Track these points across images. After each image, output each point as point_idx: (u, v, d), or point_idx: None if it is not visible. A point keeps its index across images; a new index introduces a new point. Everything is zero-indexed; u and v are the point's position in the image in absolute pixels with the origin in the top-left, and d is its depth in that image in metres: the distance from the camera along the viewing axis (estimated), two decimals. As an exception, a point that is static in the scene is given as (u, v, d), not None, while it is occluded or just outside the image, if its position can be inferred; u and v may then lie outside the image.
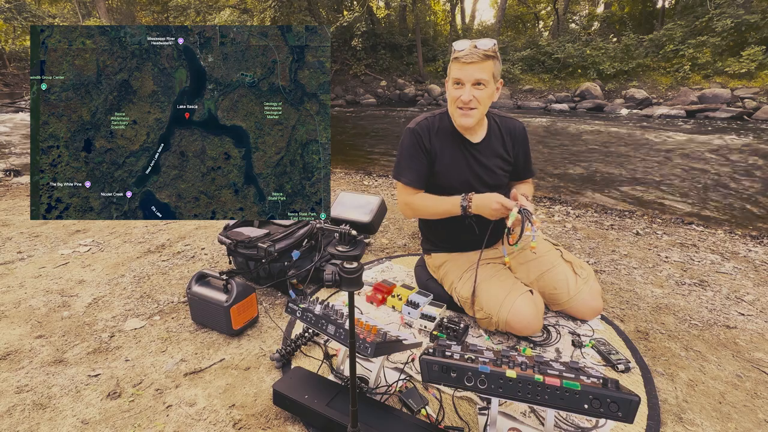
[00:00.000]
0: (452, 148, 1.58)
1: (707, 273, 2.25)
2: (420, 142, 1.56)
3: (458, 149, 1.58)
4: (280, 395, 1.20)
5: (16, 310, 1.77)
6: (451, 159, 1.58)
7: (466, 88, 1.43)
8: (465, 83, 1.43)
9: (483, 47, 1.40)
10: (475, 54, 1.39)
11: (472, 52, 1.40)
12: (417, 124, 1.59)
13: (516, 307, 1.42)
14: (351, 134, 9.32)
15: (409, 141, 1.58)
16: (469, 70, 1.41)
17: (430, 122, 1.59)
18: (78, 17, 21.97)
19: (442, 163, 1.58)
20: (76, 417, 1.21)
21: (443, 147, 1.58)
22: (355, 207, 2.39)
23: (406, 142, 1.59)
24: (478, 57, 1.39)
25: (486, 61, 1.41)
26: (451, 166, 1.58)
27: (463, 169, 1.59)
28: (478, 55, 1.39)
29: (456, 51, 1.44)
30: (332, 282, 1.93)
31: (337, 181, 4.53)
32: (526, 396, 0.96)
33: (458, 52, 1.43)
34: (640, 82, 14.69)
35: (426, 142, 1.57)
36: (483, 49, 1.39)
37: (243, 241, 1.83)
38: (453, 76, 1.46)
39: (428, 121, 1.59)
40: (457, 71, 1.44)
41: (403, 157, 1.60)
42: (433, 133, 1.58)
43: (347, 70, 17.83)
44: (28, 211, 3.30)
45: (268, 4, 14.99)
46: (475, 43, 1.41)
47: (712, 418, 1.24)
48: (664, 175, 5.24)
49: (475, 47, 1.40)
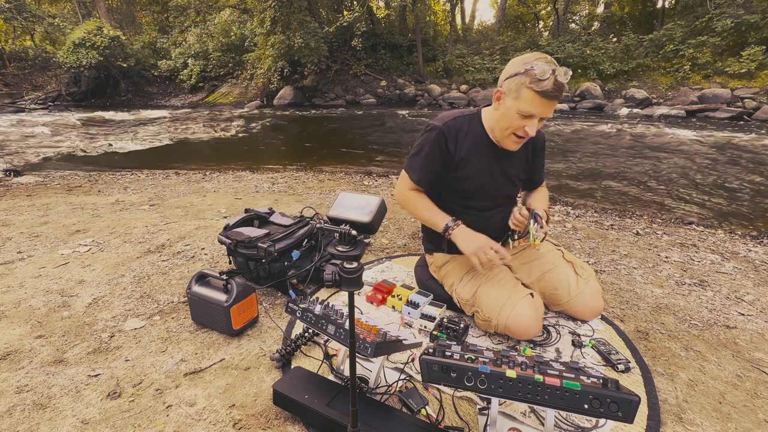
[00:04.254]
0: (480, 154, 1.49)
1: (707, 273, 2.25)
2: (443, 143, 1.46)
3: (486, 157, 1.50)
4: (280, 395, 1.20)
5: (16, 310, 1.77)
6: (477, 165, 1.49)
7: (534, 122, 1.30)
8: (535, 117, 1.29)
9: (565, 81, 1.23)
10: (560, 90, 1.24)
11: (558, 88, 1.23)
12: (445, 123, 1.46)
13: (516, 312, 1.41)
14: (351, 134, 9.32)
15: (432, 139, 1.46)
16: (547, 107, 1.27)
17: (459, 123, 1.47)
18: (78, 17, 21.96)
19: (467, 169, 1.49)
20: (76, 417, 1.21)
21: (471, 153, 1.48)
22: (355, 207, 2.39)
23: (428, 139, 1.48)
24: (561, 93, 1.25)
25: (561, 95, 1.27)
26: (476, 173, 1.50)
27: (486, 176, 1.52)
28: (562, 91, 1.24)
29: (537, 80, 1.23)
30: (332, 282, 1.93)
31: (337, 181, 4.53)
32: (526, 396, 0.96)
33: (541, 83, 1.23)
34: (640, 82, 14.68)
35: (451, 144, 1.46)
36: (564, 84, 1.23)
37: (243, 241, 1.83)
38: (526, 108, 1.27)
39: (457, 122, 1.47)
40: (535, 106, 1.26)
41: (419, 152, 1.50)
42: (462, 136, 1.47)
43: (347, 70, 17.82)
44: (27, 211, 3.30)
45: (268, 4, 14.96)
46: (556, 72, 1.22)
47: (712, 418, 1.24)
48: (664, 175, 5.24)
49: (558, 80, 1.22)
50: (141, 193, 4.02)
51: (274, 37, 15.47)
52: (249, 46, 18.30)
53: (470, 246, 1.43)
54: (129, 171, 5.45)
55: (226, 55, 18.96)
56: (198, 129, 10.03)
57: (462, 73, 17.06)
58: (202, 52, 19.08)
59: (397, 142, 8.12)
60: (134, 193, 4.00)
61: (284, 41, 15.23)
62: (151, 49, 20.77)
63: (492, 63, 16.93)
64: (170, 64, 19.58)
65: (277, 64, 15.86)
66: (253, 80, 17.39)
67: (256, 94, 17.52)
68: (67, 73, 17.94)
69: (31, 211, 3.29)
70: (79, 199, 3.75)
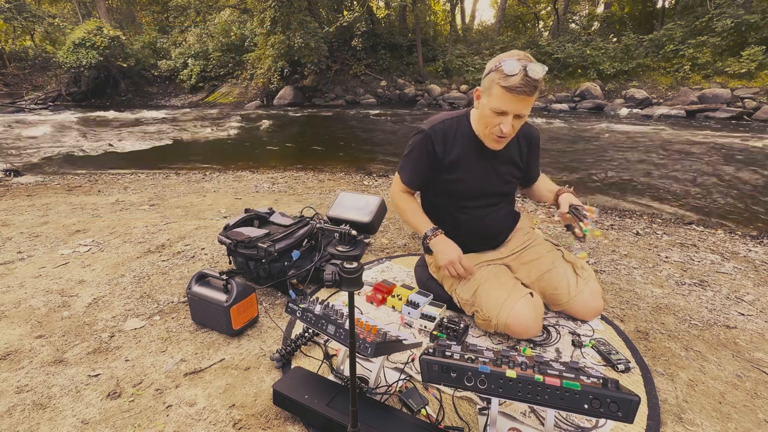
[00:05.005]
0: (471, 155, 1.50)
1: (707, 273, 2.25)
2: (430, 146, 1.48)
3: (476, 157, 1.51)
4: (280, 395, 1.20)
5: (16, 310, 1.77)
6: (468, 167, 1.51)
7: (508, 119, 1.30)
8: (509, 114, 1.29)
9: (536, 76, 1.22)
10: (529, 85, 1.22)
11: (526, 83, 1.22)
12: (432, 126, 1.48)
13: (516, 311, 1.42)
14: (351, 134, 9.32)
15: (419, 143, 1.50)
16: (517, 104, 1.26)
17: (447, 126, 1.48)
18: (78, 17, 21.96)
19: (458, 171, 1.51)
20: (76, 417, 1.20)
21: (461, 154, 1.49)
22: (355, 207, 2.39)
23: (416, 142, 1.51)
24: (530, 90, 1.23)
25: (534, 93, 1.25)
26: (468, 174, 1.52)
27: (477, 177, 1.53)
28: (530, 87, 1.23)
29: (505, 76, 1.23)
30: (332, 282, 1.93)
31: (337, 181, 4.53)
32: (526, 396, 0.96)
33: (509, 79, 1.23)
34: (640, 82, 14.69)
35: (438, 147, 1.48)
36: (535, 79, 1.22)
37: (243, 241, 1.83)
38: (496, 105, 1.28)
39: (445, 125, 1.48)
40: (504, 102, 1.26)
41: (408, 155, 1.55)
42: (450, 139, 1.48)
43: (347, 70, 17.82)
44: (27, 211, 3.30)
45: (268, 4, 14.97)
46: (527, 69, 1.21)
47: (712, 418, 1.24)
48: (664, 174, 5.24)
49: (527, 76, 1.21)
50: (141, 193, 4.02)
51: (274, 37, 15.47)
52: (249, 46, 18.30)
53: (443, 258, 1.53)
54: (129, 171, 5.45)
55: (226, 55, 18.96)
56: (198, 129, 10.03)
57: (462, 73, 17.06)
58: (202, 52, 19.08)
59: (397, 142, 8.12)
60: (134, 193, 4.00)
61: (284, 41, 15.24)
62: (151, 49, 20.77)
63: (492, 63, 16.90)
64: (170, 64, 19.59)
65: (277, 64, 15.86)
66: (253, 80, 17.40)
67: (256, 94, 17.52)
68: (67, 73, 17.94)
69: (31, 211, 3.29)
70: (79, 199, 3.75)
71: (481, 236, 1.66)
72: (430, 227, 1.56)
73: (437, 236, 1.55)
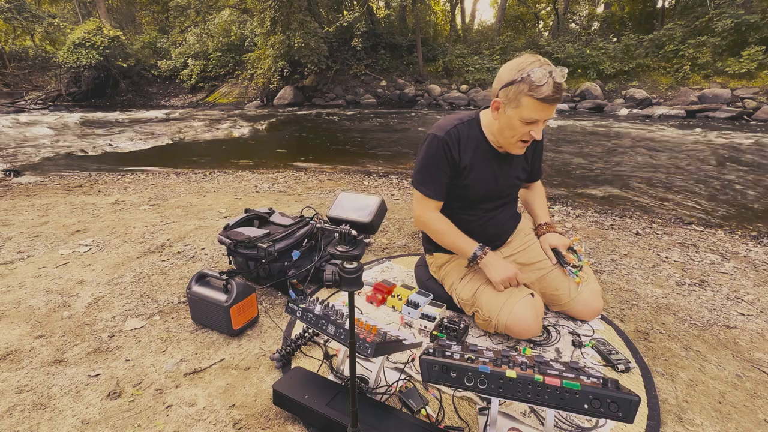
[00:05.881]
0: (482, 161, 1.49)
1: (707, 273, 2.25)
2: (447, 152, 1.44)
3: (487, 162, 1.50)
4: (280, 395, 1.20)
5: (16, 310, 1.77)
6: (480, 171, 1.50)
7: (540, 126, 1.30)
8: (540, 121, 1.29)
9: (562, 80, 1.22)
10: (560, 91, 1.23)
11: (557, 89, 1.22)
12: (446, 132, 1.44)
13: (516, 312, 1.42)
14: (351, 134, 9.32)
15: (435, 150, 1.45)
16: (550, 111, 1.26)
17: (459, 131, 1.46)
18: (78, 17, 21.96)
19: (471, 176, 1.49)
20: (76, 417, 1.20)
21: (474, 160, 1.48)
22: (355, 207, 2.39)
23: (431, 150, 1.46)
24: (562, 94, 1.23)
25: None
26: (479, 179, 1.51)
27: (489, 181, 1.53)
28: (562, 92, 1.23)
29: (536, 87, 1.22)
30: (332, 282, 1.93)
31: (337, 181, 4.53)
32: (526, 396, 0.96)
33: (540, 90, 1.22)
34: (640, 82, 14.69)
35: (455, 153, 1.45)
36: (562, 84, 1.22)
37: (243, 241, 1.83)
38: (528, 115, 1.27)
39: (457, 130, 1.46)
40: (537, 112, 1.26)
41: (426, 166, 1.48)
42: (464, 143, 1.46)
43: (347, 70, 17.82)
44: (27, 211, 3.30)
45: (268, 4, 14.97)
46: (552, 74, 1.22)
47: (712, 418, 1.24)
48: (664, 175, 5.24)
49: (556, 82, 1.22)
50: (141, 193, 4.02)
51: (274, 37, 15.48)
52: (249, 46, 18.32)
53: (497, 276, 1.46)
54: (129, 171, 5.45)
55: (226, 55, 18.97)
56: (198, 129, 10.03)
57: (462, 73, 17.06)
58: (202, 52, 19.09)
59: (397, 142, 8.12)
60: (134, 193, 4.00)
61: (284, 41, 15.24)
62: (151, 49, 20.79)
63: (492, 63, 16.93)
64: (170, 64, 19.59)
65: (277, 64, 15.87)
66: (253, 80, 17.40)
67: (256, 94, 17.52)
68: (67, 73, 17.95)
69: (31, 211, 3.29)
70: (79, 199, 3.75)
71: (487, 238, 1.64)
72: (477, 245, 1.50)
73: (487, 254, 1.48)
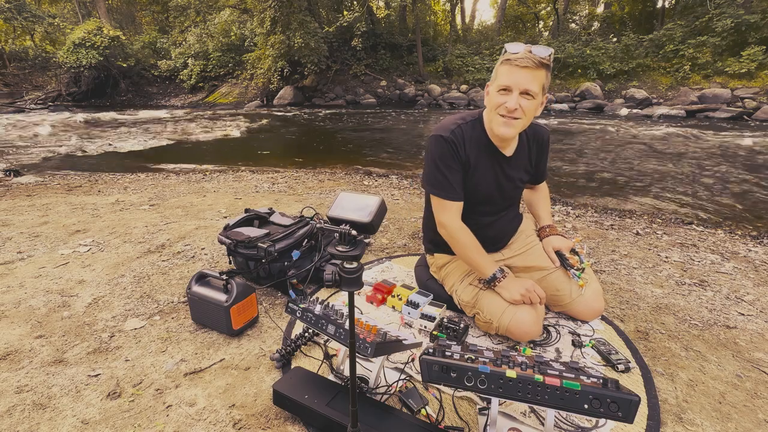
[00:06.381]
0: (485, 160, 1.48)
1: (707, 273, 2.25)
2: (456, 152, 1.43)
3: (490, 162, 1.48)
4: (280, 395, 1.20)
5: (16, 310, 1.77)
6: (483, 172, 1.48)
7: (513, 95, 1.30)
8: (513, 90, 1.30)
9: (539, 54, 1.27)
10: (530, 59, 1.26)
11: (527, 56, 1.27)
12: (450, 131, 1.43)
13: (518, 315, 1.41)
14: (351, 134, 9.32)
15: (446, 151, 1.42)
16: (520, 76, 1.28)
17: (463, 131, 1.45)
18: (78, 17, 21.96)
19: (476, 176, 1.48)
20: (76, 417, 1.20)
21: (478, 159, 1.46)
22: (355, 207, 2.39)
23: (441, 152, 1.43)
24: (532, 63, 1.26)
25: (539, 69, 1.28)
26: (483, 180, 1.49)
27: (491, 182, 1.51)
28: (533, 61, 1.26)
29: (508, 53, 1.30)
30: (332, 282, 1.93)
31: (337, 181, 4.53)
32: (526, 396, 0.96)
33: (511, 54, 1.29)
34: (640, 82, 14.69)
35: (461, 151, 1.43)
36: (539, 56, 1.26)
37: (243, 241, 1.83)
38: (500, 81, 1.32)
39: (461, 129, 1.45)
40: (507, 76, 1.30)
41: (437, 168, 1.44)
42: (468, 142, 1.45)
43: (347, 70, 17.82)
44: (27, 211, 3.30)
45: (268, 4, 14.97)
46: (531, 48, 1.28)
47: (712, 418, 1.24)
48: (664, 175, 5.24)
49: (531, 53, 1.27)
50: (141, 193, 4.02)
51: (274, 37, 15.48)
52: (249, 46, 18.31)
53: (516, 293, 1.42)
54: (129, 171, 5.45)
55: (226, 55, 18.96)
56: (198, 129, 10.03)
57: (462, 73, 17.07)
58: (202, 52, 19.08)
59: (397, 142, 8.12)
60: (134, 193, 4.00)
61: (284, 41, 15.24)
62: (151, 49, 20.79)
63: (492, 63, 16.92)
64: (170, 64, 19.59)
65: (277, 64, 15.87)
66: (253, 80, 17.40)
67: (256, 94, 17.52)
68: (67, 73, 17.95)
69: (31, 211, 3.29)
70: (79, 199, 3.75)
71: (489, 240, 1.63)
72: (497, 268, 1.47)
73: (506, 277, 1.46)
